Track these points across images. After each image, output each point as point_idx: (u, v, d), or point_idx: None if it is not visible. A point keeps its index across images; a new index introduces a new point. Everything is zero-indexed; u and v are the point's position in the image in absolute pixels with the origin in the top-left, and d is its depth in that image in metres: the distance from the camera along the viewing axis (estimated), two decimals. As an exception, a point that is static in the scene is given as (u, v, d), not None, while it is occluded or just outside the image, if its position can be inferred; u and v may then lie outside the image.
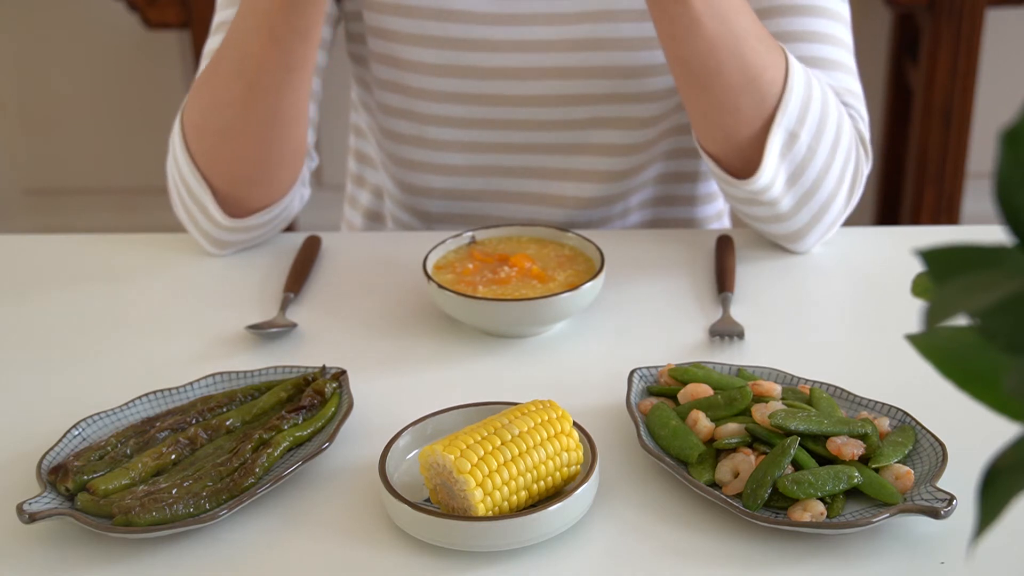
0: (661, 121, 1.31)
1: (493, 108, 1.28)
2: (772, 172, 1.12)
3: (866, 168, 1.20)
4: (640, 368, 0.99)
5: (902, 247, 1.24)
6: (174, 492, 0.85)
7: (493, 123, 1.29)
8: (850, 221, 1.25)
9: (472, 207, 1.36)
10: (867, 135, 1.21)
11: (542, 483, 0.85)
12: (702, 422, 0.91)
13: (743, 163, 1.14)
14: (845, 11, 1.24)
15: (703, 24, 1.06)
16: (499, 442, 0.83)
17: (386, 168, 1.40)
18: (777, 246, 1.24)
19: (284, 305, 1.14)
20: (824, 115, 1.14)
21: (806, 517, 0.83)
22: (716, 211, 1.45)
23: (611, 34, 1.24)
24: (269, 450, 0.90)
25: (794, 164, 1.13)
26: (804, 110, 1.12)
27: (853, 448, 0.87)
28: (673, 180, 1.39)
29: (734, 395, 0.93)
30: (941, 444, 0.88)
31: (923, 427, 0.91)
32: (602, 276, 1.09)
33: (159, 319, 1.16)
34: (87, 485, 0.87)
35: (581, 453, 0.87)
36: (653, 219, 1.40)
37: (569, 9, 1.23)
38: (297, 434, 0.93)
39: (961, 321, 0.47)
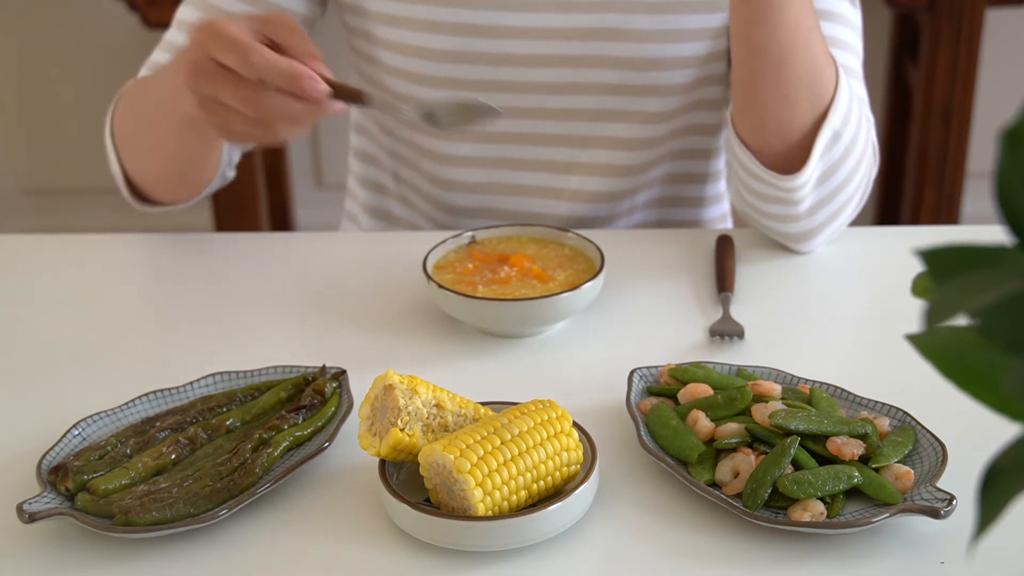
0: (671, 118, 1.31)
1: (502, 95, 1.28)
2: (812, 170, 1.13)
3: (874, 171, 1.22)
4: (640, 368, 0.99)
5: (902, 247, 1.24)
6: (174, 492, 0.85)
7: (502, 110, 1.29)
8: (851, 222, 1.25)
9: (479, 199, 1.36)
10: (875, 139, 1.22)
11: (542, 483, 0.85)
12: (702, 422, 0.91)
13: (785, 159, 1.15)
14: (856, 18, 1.25)
15: (788, 9, 1.08)
16: (499, 442, 0.83)
17: (383, 162, 1.41)
18: (778, 246, 1.24)
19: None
20: (859, 117, 1.16)
21: (806, 517, 0.83)
22: (721, 213, 1.45)
23: (622, 25, 1.24)
24: (269, 450, 0.90)
25: (829, 164, 1.15)
26: (848, 111, 1.14)
27: (853, 448, 0.87)
28: (681, 181, 1.39)
29: (734, 395, 0.93)
30: (941, 444, 0.88)
31: (923, 427, 0.91)
32: (602, 276, 1.09)
33: (159, 319, 1.16)
34: (87, 485, 0.87)
35: (581, 453, 0.87)
36: (659, 219, 1.40)
37: None
38: (297, 434, 0.93)
39: (961, 321, 0.47)
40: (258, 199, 2.48)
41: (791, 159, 1.15)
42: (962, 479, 0.84)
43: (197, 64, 0.98)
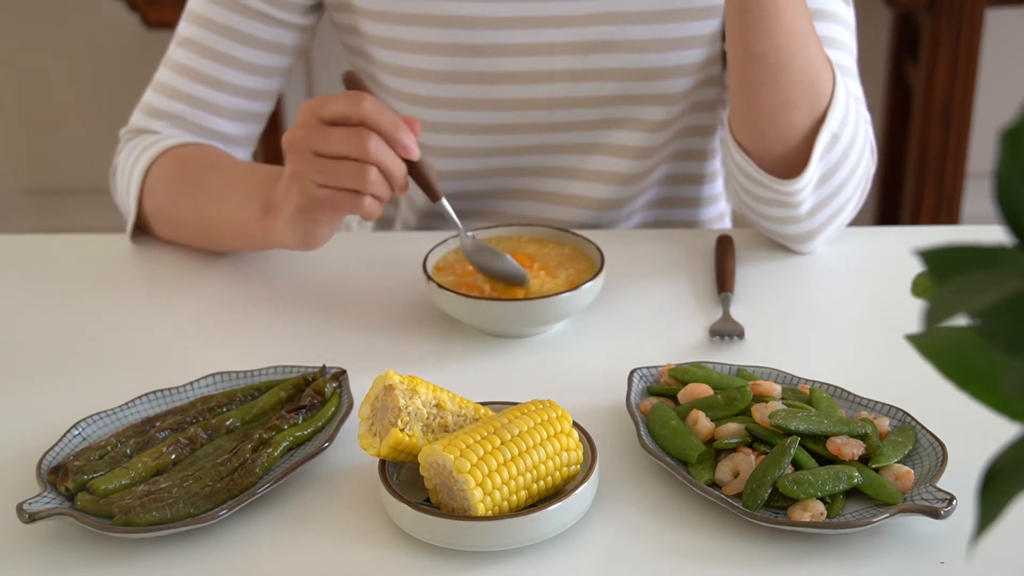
0: (674, 124, 1.31)
1: (503, 112, 1.28)
2: (812, 173, 1.13)
3: (872, 170, 1.22)
4: (640, 368, 0.99)
5: (902, 247, 1.24)
6: (174, 492, 0.85)
7: (503, 127, 1.29)
8: (850, 221, 1.25)
9: (482, 204, 1.36)
10: (872, 138, 1.22)
11: (542, 483, 0.85)
12: (702, 422, 0.90)
13: (784, 163, 1.15)
14: (850, 16, 1.24)
15: (784, 15, 1.08)
16: (499, 442, 0.83)
17: None
18: (778, 246, 1.24)
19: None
20: (856, 118, 1.16)
21: (806, 517, 0.83)
22: (718, 213, 1.45)
23: (620, 36, 1.23)
24: (269, 450, 0.90)
25: (828, 166, 1.14)
26: (846, 112, 1.14)
27: (853, 448, 0.87)
28: (678, 182, 1.38)
29: (734, 395, 0.93)
30: (941, 444, 0.88)
31: (923, 427, 0.91)
32: (602, 276, 1.09)
33: (159, 319, 1.16)
34: (87, 485, 0.87)
35: (581, 453, 0.87)
36: (656, 221, 1.40)
37: (577, 12, 1.23)
38: (297, 434, 0.93)
39: (961, 321, 0.47)
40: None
41: (790, 163, 1.14)
42: (962, 479, 0.84)
43: (305, 123, 1.02)
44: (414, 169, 1.05)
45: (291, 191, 1.05)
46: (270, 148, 2.62)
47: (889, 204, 2.79)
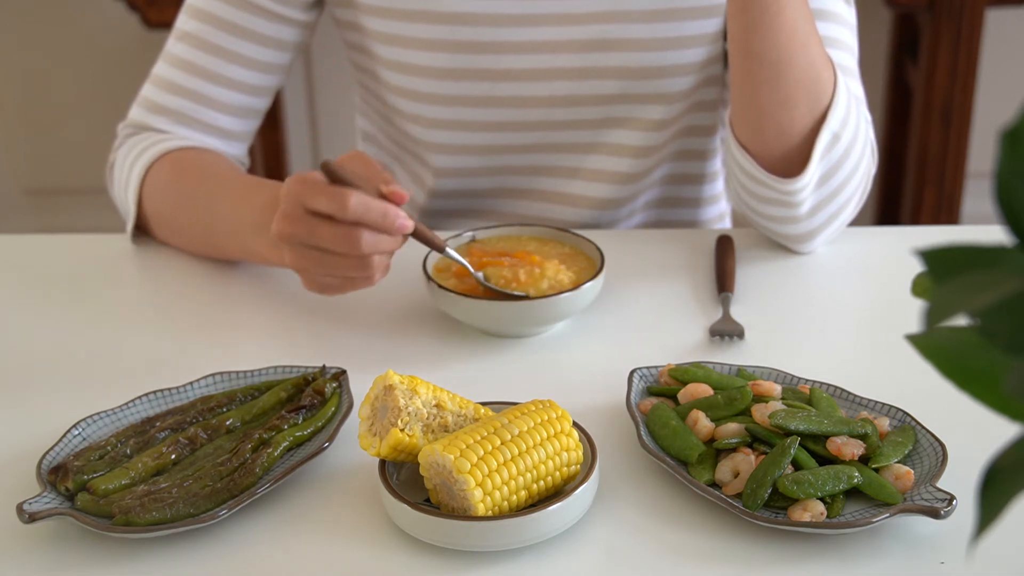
0: (674, 123, 1.31)
1: (504, 110, 1.28)
2: (812, 172, 1.13)
3: (873, 170, 1.22)
4: (640, 368, 0.99)
5: (902, 247, 1.24)
6: (174, 492, 0.85)
7: (504, 125, 1.29)
8: (851, 221, 1.25)
9: (482, 203, 1.36)
10: (873, 138, 1.22)
11: (542, 483, 0.85)
12: (702, 422, 0.90)
13: (785, 163, 1.15)
14: (852, 16, 1.24)
15: (785, 13, 1.08)
16: (499, 442, 0.83)
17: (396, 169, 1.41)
18: (778, 246, 1.24)
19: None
20: (857, 118, 1.16)
21: (806, 517, 0.83)
22: (719, 213, 1.45)
23: (621, 35, 1.23)
24: (269, 450, 0.90)
25: (828, 165, 1.14)
26: (847, 112, 1.14)
27: (853, 448, 0.87)
28: (679, 182, 1.38)
29: (734, 395, 0.93)
30: (941, 444, 0.88)
31: (923, 427, 0.91)
32: (602, 276, 1.09)
33: (159, 319, 1.16)
34: (87, 485, 0.87)
35: (581, 453, 0.87)
36: (657, 220, 1.40)
37: (579, 10, 1.23)
38: (297, 434, 0.93)
39: (961, 321, 0.47)
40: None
41: (791, 162, 1.14)
42: (962, 479, 0.84)
43: (292, 214, 1.00)
44: (412, 233, 1.04)
45: (299, 275, 1.05)
46: (269, 146, 2.63)
47: (889, 204, 2.79)
